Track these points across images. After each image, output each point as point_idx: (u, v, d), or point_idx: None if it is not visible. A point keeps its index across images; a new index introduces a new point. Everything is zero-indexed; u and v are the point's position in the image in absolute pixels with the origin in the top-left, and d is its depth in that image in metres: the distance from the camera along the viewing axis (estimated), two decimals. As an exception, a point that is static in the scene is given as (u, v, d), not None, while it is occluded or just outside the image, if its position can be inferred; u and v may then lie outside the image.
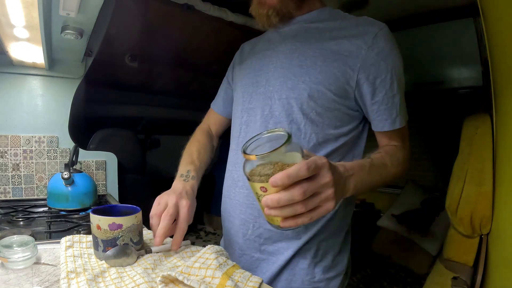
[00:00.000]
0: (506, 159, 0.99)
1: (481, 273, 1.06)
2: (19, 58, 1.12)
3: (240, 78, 0.78)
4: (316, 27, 0.67)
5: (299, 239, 0.67)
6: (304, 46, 0.65)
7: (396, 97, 0.63)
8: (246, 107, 0.72)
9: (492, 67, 1.11)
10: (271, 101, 0.67)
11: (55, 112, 1.30)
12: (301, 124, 0.64)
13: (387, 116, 0.64)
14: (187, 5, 1.33)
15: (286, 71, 0.65)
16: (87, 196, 1.11)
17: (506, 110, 1.01)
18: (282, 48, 0.68)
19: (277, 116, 0.66)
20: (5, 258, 0.52)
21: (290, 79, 0.64)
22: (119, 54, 1.58)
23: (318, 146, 0.65)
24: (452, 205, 1.19)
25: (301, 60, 0.64)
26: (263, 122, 0.68)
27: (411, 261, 1.74)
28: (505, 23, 0.93)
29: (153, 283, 0.47)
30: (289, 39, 0.68)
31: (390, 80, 0.61)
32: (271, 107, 0.67)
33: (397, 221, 1.97)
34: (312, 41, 0.65)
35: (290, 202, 0.40)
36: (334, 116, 0.64)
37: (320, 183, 0.42)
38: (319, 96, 0.62)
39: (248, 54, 0.80)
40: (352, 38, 0.61)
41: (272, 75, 0.68)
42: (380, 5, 1.54)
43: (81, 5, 0.78)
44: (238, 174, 0.72)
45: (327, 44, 0.63)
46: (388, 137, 0.67)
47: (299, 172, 0.40)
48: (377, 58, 0.60)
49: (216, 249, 0.55)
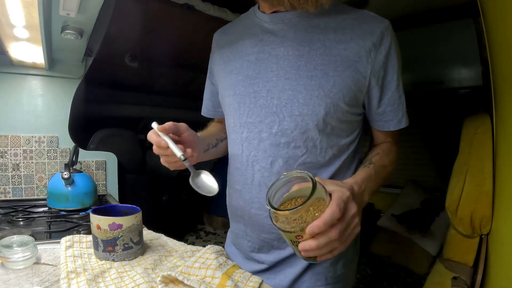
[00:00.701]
0: (506, 159, 0.99)
1: (481, 273, 1.06)
2: (19, 58, 1.12)
3: (230, 83, 0.68)
4: (316, 25, 0.60)
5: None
6: (310, 51, 0.59)
7: (402, 97, 0.63)
8: (244, 121, 0.65)
9: (492, 67, 1.11)
10: (278, 117, 0.61)
11: (55, 112, 1.30)
12: (317, 141, 0.61)
13: (393, 117, 0.64)
14: (187, 5, 1.33)
15: (294, 82, 0.59)
16: (87, 196, 1.11)
17: (506, 110, 1.01)
18: (282, 52, 0.61)
19: (290, 134, 0.61)
20: (5, 258, 0.52)
21: (300, 93, 0.59)
22: (119, 54, 1.58)
23: (333, 158, 0.64)
24: (452, 205, 1.19)
25: (310, 69, 0.58)
26: (274, 141, 0.62)
27: (411, 261, 1.73)
28: (505, 23, 0.92)
29: (153, 283, 0.47)
30: (288, 42, 0.60)
31: (396, 81, 0.61)
32: (280, 124, 0.61)
33: (397, 221, 1.97)
34: (317, 44, 0.59)
35: (328, 244, 0.42)
36: (346, 126, 0.63)
37: (350, 217, 0.45)
38: (335, 110, 0.59)
39: (230, 52, 0.69)
40: (359, 39, 0.58)
41: (275, 85, 0.61)
42: (380, 5, 1.54)
43: (81, 5, 0.78)
44: (250, 196, 0.67)
45: (335, 50, 0.58)
46: (386, 134, 0.68)
47: (333, 217, 0.41)
48: (384, 60, 0.59)
49: (216, 249, 0.55)
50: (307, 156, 0.62)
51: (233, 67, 0.68)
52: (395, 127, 0.64)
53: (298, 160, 0.62)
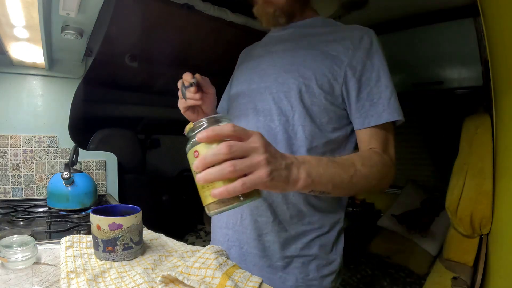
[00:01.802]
0: (506, 159, 0.99)
1: (481, 273, 1.06)
2: (19, 58, 1.12)
3: (236, 77, 0.82)
4: (309, 32, 0.72)
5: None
6: (297, 47, 0.70)
7: (384, 94, 0.63)
8: (239, 102, 0.75)
9: (492, 67, 1.11)
10: (262, 96, 0.70)
11: (55, 112, 1.30)
12: (290, 116, 0.66)
13: (373, 112, 0.63)
14: (187, 5, 1.33)
15: (278, 68, 0.69)
16: (87, 196, 1.11)
17: (506, 110, 1.01)
18: (276, 48, 0.74)
19: (267, 109, 0.68)
20: (5, 258, 0.52)
21: (281, 76, 0.68)
22: (119, 54, 1.58)
23: (305, 140, 0.65)
24: (452, 205, 1.19)
25: (293, 58, 0.69)
26: (254, 116, 0.70)
27: (411, 261, 1.74)
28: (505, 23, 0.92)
29: (153, 283, 0.47)
30: (283, 42, 0.74)
31: (376, 77, 0.64)
32: (262, 101, 0.70)
33: (397, 221, 1.97)
34: (304, 43, 0.70)
35: (216, 158, 0.40)
36: (320, 111, 0.66)
37: (248, 146, 0.41)
38: (307, 90, 0.65)
39: (245, 58, 0.85)
40: (341, 40, 0.66)
41: (265, 72, 0.72)
42: (380, 5, 1.54)
43: (81, 5, 0.78)
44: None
45: (318, 46, 0.68)
46: (369, 137, 0.64)
47: (224, 127, 0.41)
48: (363, 57, 0.64)
49: (216, 249, 0.55)
50: (280, 130, 0.66)
51: (243, 65, 0.83)
52: (376, 122, 0.63)
53: (277, 137, 0.67)
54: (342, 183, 0.53)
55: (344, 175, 0.53)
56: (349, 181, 0.54)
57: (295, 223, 0.67)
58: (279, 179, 0.43)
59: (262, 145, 0.42)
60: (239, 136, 0.42)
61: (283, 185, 0.44)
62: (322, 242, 0.69)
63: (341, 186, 0.53)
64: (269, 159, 0.42)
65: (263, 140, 0.43)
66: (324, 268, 0.69)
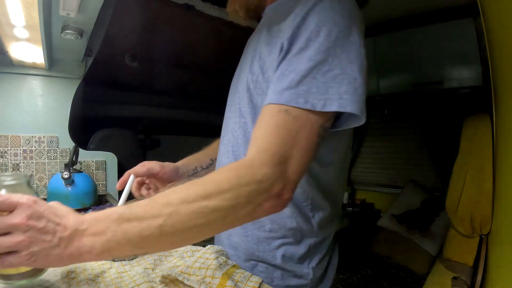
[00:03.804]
0: (506, 159, 0.99)
1: (481, 273, 1.06)
2: (19, 58, 1.12)
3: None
4: (272, 18, 0.60)
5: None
6: (259, 37, 0.60)
7: (299, 69, 0.46)
8: (227, 100, 0.72)
9: (492, 67, 1.11)
10: (236, 95, 0.66)
11: (55, 112, 1.30)
12: (246, 117, 0.60)
13: (274, 87, 0.47)
14: (187, 5, 1.33)
15: (245, 65, 0.64)
16: (87, 196, 1.11)
17: (506, 110, 1.01)
18: (250, 42, 0.68)
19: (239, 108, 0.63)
20: (5, 258, 0.52)
21: (243, 72, 0.64)
22: (119, 54, 1.58)
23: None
24: (452, 205, 1.19)
25: (252, 51, 0.62)
26: (235, 116, 0.65)
27: (411, 261, 1.73)
28: (505, 23, 0.92)
29: (153, 283, 0.47)
30: (256, 33, 0.65)
31: (302, 44, 0.46)
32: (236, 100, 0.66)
33: (397, 221, 1.97)
34: (263, 31, 0.58)
35: None
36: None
37: (8, 222, 0.35)
38: (255, 87, 0.57)
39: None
40: (290, 14, 0.51)
41: (240, 69, 0.68)
42: (380, 5, 1.54)
43: (81, 5, 0.78)
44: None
45: (274, 33, 0.54)
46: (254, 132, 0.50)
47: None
48: (299, 23, 0.48)
49: (216, 249, 0.55)
50: (241, 127, 0.62)
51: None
52: (270, 101, 0.47)
53: (238, 139, 0.62)
54: (149, 238, 0.38)
55: (148, 228, 0.38)
56: (160, 233, 0.38)
57: (257, 229, 0.64)
58: (46, 259, 0.36)
59: (25, 221, 0.35)
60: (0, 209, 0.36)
61: (58, 263, 0.38)
62: (287, 252, 0.63)
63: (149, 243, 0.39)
64: (33, 238, 0.35)
65: (29, 213, 0.36)
66: (291, 279, 0.64)
